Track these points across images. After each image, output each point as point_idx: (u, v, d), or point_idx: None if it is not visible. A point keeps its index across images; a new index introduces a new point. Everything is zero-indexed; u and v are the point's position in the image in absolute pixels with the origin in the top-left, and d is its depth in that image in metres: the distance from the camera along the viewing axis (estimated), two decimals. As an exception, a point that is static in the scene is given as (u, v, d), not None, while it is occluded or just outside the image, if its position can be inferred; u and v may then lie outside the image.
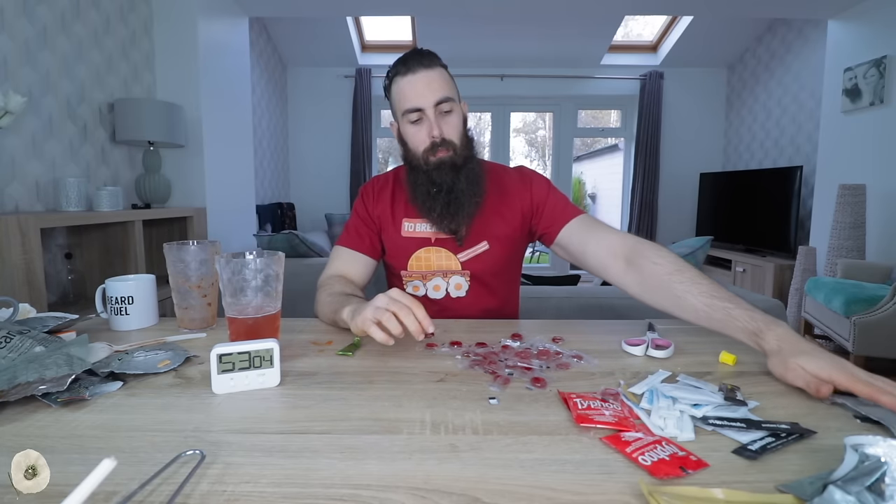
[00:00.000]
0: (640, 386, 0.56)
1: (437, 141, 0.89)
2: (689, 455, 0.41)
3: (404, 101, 0.90)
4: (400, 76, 0.90)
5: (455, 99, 0.92)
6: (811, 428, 0.45)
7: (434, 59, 0.91)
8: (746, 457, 0.41)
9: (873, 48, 2.88)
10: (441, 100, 0.88)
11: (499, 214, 0.98)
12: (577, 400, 0.51)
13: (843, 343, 2.26)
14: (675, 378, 0.58)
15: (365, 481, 0.37)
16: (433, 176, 0.91)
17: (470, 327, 0.81)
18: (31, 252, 1.37)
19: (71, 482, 0.37)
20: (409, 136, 0.92)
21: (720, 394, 0.52)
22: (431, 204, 0.92)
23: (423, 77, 0.88)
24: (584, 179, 7.56)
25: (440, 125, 0.89)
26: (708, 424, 0.46)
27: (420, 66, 0.89)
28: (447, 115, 0.91)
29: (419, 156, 0.92)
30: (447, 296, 0.98)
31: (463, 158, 0.92)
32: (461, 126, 0.93)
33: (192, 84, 2.48)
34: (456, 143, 0.91)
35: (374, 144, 4.76)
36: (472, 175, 0.93)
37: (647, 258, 0.79)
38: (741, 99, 4.43)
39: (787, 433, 0.44)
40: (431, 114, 0.89)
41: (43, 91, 1.76)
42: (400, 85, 0.90)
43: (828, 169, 3.24)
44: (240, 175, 3.02)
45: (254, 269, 0.65)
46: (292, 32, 4.10)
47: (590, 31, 4.07)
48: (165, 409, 0.50)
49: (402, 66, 0.90)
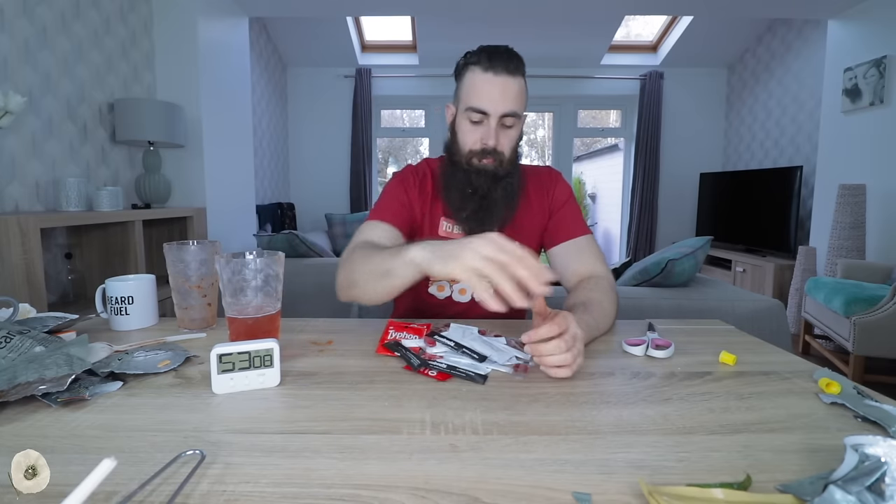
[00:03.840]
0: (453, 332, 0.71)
1: (488, 149, 0.88)
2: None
3: (473, 98, 0.86)
4: (480, 69, 0.86)
5: (520, 115, 0.89)
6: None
7: (519, 67, 0.87)
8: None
9: (873, 48, 2.88)
10: (509, 113, 0.86)
11: (527, 219, 0.97)
12: (391, 329, 0.65)
13: (843, 343, 2.26)
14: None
15: (365, 481, 0.37)
16: (472, 178, 0.89)
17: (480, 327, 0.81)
18: (31, 252, 1.37)
19: (71, 482, 0.37)
20: (462, 130, 0.90)
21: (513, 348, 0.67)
22: (463, 204, 0.90)
23: (502, 83, 0.85)
24: (584, 179, 7.56)
25: (498, 136, 0.87)
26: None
27: (503, 70, 0.85)
28: (508, 129, 0.89)
29: (464, 153, 0.90)
30: (472, 300, 0.97)
31: (506, 171, 0.90)
32: (516, 141, 0.91)
33: (192, 84, 2.48)
34: (505, 155, 0.90)
35: (374, 144, 4.75)
36: (510, 188, 0.91)
37: (587, 286, 0.83)
38: (741, 99, 4.43)
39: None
40: (494, 122, 0.86)
41: (43, 91, 1.76)
42: (475, 78, 0.86)
43: (828, 169, 3.24)
44: (240, 175, 3.02)
45: (254, 269, 0.65)
46: (292, 32, 4.10)
47: (590, 31, 4.07)
48: (165, 409, 0.50)
49: (486, 61, 0.85)
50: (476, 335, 0.72)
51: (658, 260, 1.62)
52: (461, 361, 0.63)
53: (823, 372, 0.59)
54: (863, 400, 0.52)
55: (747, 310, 1.50)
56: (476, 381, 0.58)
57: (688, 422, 0.48)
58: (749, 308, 1.50)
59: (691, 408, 0.51)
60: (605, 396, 0.54)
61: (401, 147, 8.24)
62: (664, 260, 1.59)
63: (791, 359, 0.67)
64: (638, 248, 4.65)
